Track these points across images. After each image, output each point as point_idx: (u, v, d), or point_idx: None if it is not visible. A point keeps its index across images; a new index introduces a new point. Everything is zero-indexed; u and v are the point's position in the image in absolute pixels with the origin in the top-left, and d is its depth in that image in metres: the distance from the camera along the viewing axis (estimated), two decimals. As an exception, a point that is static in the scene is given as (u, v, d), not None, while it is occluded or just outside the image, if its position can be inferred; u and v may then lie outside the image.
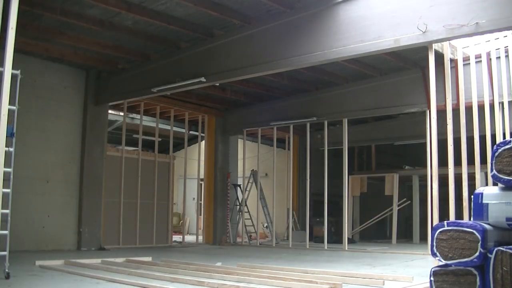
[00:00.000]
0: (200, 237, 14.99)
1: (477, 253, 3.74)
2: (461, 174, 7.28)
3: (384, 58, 10.71)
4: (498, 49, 9.15)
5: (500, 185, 4.17)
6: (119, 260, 8.43)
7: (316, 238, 15.12)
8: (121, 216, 12.30)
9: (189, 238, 15.93)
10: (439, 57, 7.81)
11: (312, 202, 15.00)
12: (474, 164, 7.83)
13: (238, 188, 15.34)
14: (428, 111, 10.72)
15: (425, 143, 10.23)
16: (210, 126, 15.16)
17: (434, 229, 4.05)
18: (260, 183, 15.23)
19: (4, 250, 5.93)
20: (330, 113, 13.24)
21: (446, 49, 8.14)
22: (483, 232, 3.78)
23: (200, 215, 15.94)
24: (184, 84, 9.88)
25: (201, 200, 16.52)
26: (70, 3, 8.46)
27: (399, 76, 11.81)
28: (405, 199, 16.29)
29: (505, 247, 3.69)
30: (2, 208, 5.24)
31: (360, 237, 17.00)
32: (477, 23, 6.36)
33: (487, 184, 8.34)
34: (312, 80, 12.98)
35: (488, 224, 3.98)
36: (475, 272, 3.78)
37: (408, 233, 16.82)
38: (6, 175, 5.28)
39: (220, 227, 14.57)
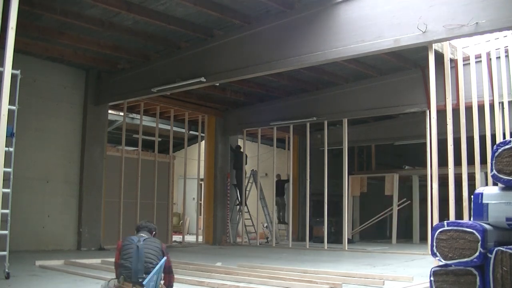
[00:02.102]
0: (200, 237, 14.97)
1: (477, 253, 3.74)
2: (461, 174, 7.28)
3: (384, 58, 10.70)
4: (498, 49, 9.15)
5: (500, 185, 4.16)
6: (119, 260, 8.40)
7: (316, 238, 15.10)
8: (121, 216, 12.28)
9: (189, 238, 15.91)
10: (439, 57, 7.81)
11: (312, 202, 14.98)
12: (474, 164, 7.83)
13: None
14: (428, 111, 10.72)
15: (425, 143, 10.23)
16: (210, 126, 15.15)
17: (434, 229, 4.05)
18: (260, 183, 15.22)
19: (4, 250, 5.94)
20: (330, 113, 13.23)
21: (446, 49, 8.14)
22: (483, 232, 3.77)
23: (200, 215, 15.93)
24: (184, 84, 9.88)
25: (201, 200, 16.51)
26: (70, 3, 8.46)
27: (399, 76, 11.80)
28: (405, 199, 16.27)
29: (505, 247, 3.69)
30: (2, 208, 5.24)
31: (360, 237, 16.99)
32: (477, 23, 6.36)
33: (487, 184, 8.34)
34: (312, 80, 12.97)
35: (488, 224, 3.98)
36: (475, 272, 3.77)
37: (408, 233, 16.80)
38: (6, 175, 5.28)
39: (220, 227, 14.57)
